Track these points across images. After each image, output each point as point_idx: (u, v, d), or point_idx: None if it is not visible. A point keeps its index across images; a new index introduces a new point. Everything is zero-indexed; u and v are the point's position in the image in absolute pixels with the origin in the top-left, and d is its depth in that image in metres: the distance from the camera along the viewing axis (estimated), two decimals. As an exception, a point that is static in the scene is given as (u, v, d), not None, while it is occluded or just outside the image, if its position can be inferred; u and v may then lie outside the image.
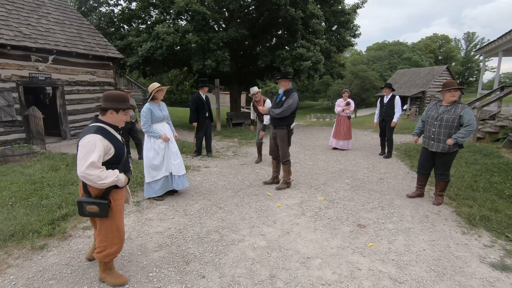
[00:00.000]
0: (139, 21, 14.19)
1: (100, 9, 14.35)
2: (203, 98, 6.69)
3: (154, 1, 12.81)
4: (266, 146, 7.10)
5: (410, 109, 24.60)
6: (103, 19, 13.92)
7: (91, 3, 14.20)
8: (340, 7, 13.56)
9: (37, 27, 8.65)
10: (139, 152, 6.67)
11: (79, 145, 2.09)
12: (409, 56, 48.96)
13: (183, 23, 12.87)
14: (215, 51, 11.20)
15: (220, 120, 12.58)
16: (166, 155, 4.22)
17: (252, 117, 6.68)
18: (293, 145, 7.67)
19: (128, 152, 6.55)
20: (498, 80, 11.27)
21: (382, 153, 7.18)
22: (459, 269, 2.63)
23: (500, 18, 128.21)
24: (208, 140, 7.11)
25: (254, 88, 6.04)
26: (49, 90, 10.63)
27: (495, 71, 12.66)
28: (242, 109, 19.63)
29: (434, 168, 4.07)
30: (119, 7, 14.22)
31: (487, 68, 50.65)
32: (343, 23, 13.96)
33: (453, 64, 54.82)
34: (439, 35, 60.07)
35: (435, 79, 26.57)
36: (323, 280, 2.48)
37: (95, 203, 2.15)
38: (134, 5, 13.73)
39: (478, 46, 46.15)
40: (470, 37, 65.29)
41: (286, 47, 12.53)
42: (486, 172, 5.30)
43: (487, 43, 10.92)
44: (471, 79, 60.95)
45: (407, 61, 47.84)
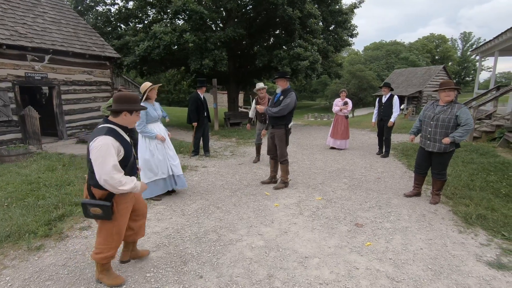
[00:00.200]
0: (136, 20, 14.13)
1: (97, 8, 14.29)
2: (201, 98, 6.69)
3: (151, 0, 12.76)
4: (264, 146, 7.09)
5: (407, 108, 24.70)
6: (99, 18, 13.86)
7: (88, 2, 14.13)
8: (338, 6, 13.58)
9: (33, 26, 8.59)
10: (135, 152, 6.63)
11: (92, 147, 2.04)
12: (406, 55, 49.18)
13: (181, 22, 12.84)
14: (212, 50, 11.18)
15: (217, 120, 12.57)
16: (165, 156, 4.21)
17: (251, 115, 6.57)
18: (290, 144, 7.67)
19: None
20: (494, 80, 11.34)
21: (380, 152, 7.20)
22: (456, 267, 2.65)
23: (496, 18, 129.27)
24: (205, 140, 7.10)
25: (260, 84, 5.85)
26: (45, 90, 10.56)
27: (491, 71, 12.74)
28: (240, 108, 19.61)
29: (431, 167, 4.09)
30: (116, 6, 14.17)
31: (483, 67, 50.73)
32: (341, 22, 13.99)
33: (449, 63, 55.18)
34: (436, 35, 60.43)
35: (432, 79, 26.69)
36: (321, 280, 2.49)
37: (99, 205, 2.14)
38: (131, 4, 13.68)
39: (475, 46, 46.28)
40: (466, 37, 65.75)
41: (284, 47, 12.53)
42: (482, 171, 5.33)
43: (483, 43, 10.98)
44: (468, 78, 61.36)
45: (404, 60, 48.04)
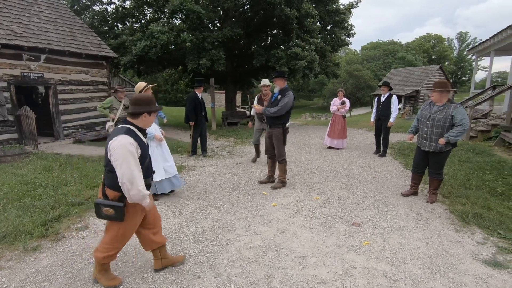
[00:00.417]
0: (133, 19, 14.07)
1: (93, 7, 14.22)
2: (199, 97, 6.67)
3: (148, -1, 12.71)
4: (262, 146, 7.08)
5: (404, 108, 24.82)
6: (96, 17, 13.78)
7: (84, 1, 14.08)
8: (335, 6, 13.59)
9: (28, 25, 8.53)
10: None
11: (111, 147, 2.05)
12: (403, 55, 49.38)
13: (178, 22, 12.80)
14: (210, 50, 11.15)
15: (215, 120, 12.55)
16: (162, 157, 4.20)
17: (253, 112, 6.44)
18: (288, 144, 7.67)
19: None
20: (490, 79, 11.42)
21: (377, 152, 7.23)
22: (453, 266, 2.66)
23: (493, 18, 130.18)
24: (203, 140, 7.09)
25: (266, 80, 5.75)
26: (41, 89, 10.49)
27: (487, 71, 12.82)
28: (237, 108, 19.59)
29: (428, 166, 4.11)
30: (113, 6, 14.11)
31: (479, 67, 51.22)
32: (338, 22, 14.01)
33: (446, 63, 55.45)
34: (433, 34, 60.74)
35: (428, 79, 26.83)
36: (319, 279, 2.49)
37: (111, 206, 2.13)
38: (128, 3, 13.60)
39: (471, 46, 46.58)
40: (463, 36, 66.11)
41: (281, 47, 12.52)
42: (478, 170, 5.36)
43: (479, 42, 11.05)
44: (464, 78, 61.71)
45: (401, 60, 48.24)
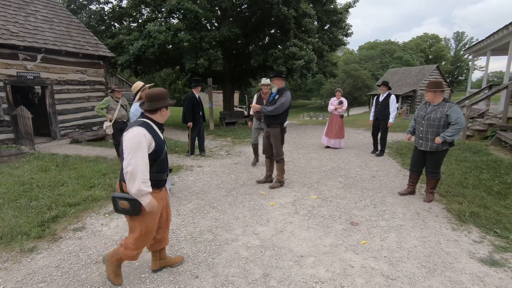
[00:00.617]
0: (130, 19, 14.02)
1: (90, 7, 14.12)
2: (197, 97, 6.66)
3: (145, -1, 12.68)
4: (260, 147, 7.07)
5: (401, 107, 24.92)
6: (93, 17, 13.72)
7: (81, 0, 13.96)
8: (332, 6, 13.63)
9: (24, 25, 8.47)
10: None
11: (124, 138, 2.08)
12: (400, 55, 49.58)
13: (175, 21, 12.78)
14: (207, 50, 11.14)
15: (213, 120, 12.53)
16: None
17: (251, 112, 6.29)
18: (286, 143, 7.67)
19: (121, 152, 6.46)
20: (487, 79, 11.48)
21: (374, 151, 7.25)
22: (450, 264, 2.68)
23: (489, 18, 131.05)
24: (201, 140, 7.08)
25: (266, 79, 5.67)
26: (38, 89, 10.42)
27: (483, 70, 12.90)
28: (235, 108, 19.58)
29: (425, 166, 4.13)
30: (110, 5, 14.04)
31: (475, 67, 51.69)
32: (335, 22, 14.04)
33: (443, 63, 55.78)
34: (430, 34, 61.06)
35: (425, 78, 26.96)
36: (316, 278, 2.50)
37: (126, 199, 2.10)
38: (125, 3, 13.58)
39: (467, 46, 46.95)
40: (459, 36, 66.48)
41: (279, 46, 12.53)
42: (475, 169, 5.39)
43: (475, 42, 11.10)
44: (461, 77, 62.09)
45: (399, 60, 48.44)
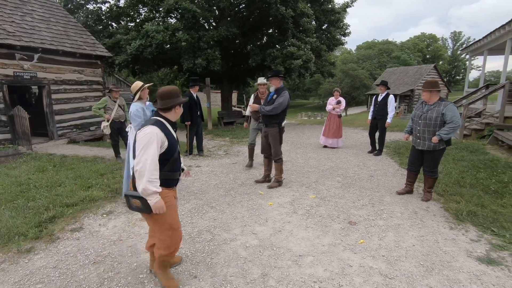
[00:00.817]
0: (128, 19, 13.97)
1: (87, 6, 14.08)
2: (195, 97, 6.65)
3: (143, -2, 12.64)
4: (258, 147, 7.06)
5: (399, 107, 25.00)
6: (90, 16, 13.67)
7: (78, 0, 13.91)
8: (330, 6, 13.64)
9: (21, 24, 8.42)
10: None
11: (137, 137, 2.09)
12: (398, 54, 49.73)
13: (173, 21, 12.74)
14: (205, 49, 11.12)
15: (211, 119, 12.52)
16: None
17: (248, 112, 6.23)
18: (284, 143, 7.67)
19: (117, 152, 6.45)
20: (484, 79, 11.53)
21: (372, 151, 7.26)
22: (447, 263, 2.69)
23: (486, 18, 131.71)
24: (199, 139, 7.07)
25: (262, 79, 5.64)
26: (35, 89, 10.36)
27: (480, 70, 12.95)
28: (233, 108, 19.57)
29: (423, 165, 4.15)
30: (107, 5, 13.99)
31: (473, 66, 51.77)
32: (333, 22, 14.05)
33: (440, 62, 55.93)
34: (427, 34, 61.23)
35: (423, 78, 27.09)
36: (315, 278, 2.50)
37: (139, 197, 2.09)
38: (122, 2, 13.51)
39: (465, 45, 47.09)
40: (456, 36, 66.74)
41: (277, 46, 12.54)
42: (472, 168, 5.42)
43: (472, 42, 11.15)
44: (458, 77, 62.33)
45: (396, 59, 48.58)
